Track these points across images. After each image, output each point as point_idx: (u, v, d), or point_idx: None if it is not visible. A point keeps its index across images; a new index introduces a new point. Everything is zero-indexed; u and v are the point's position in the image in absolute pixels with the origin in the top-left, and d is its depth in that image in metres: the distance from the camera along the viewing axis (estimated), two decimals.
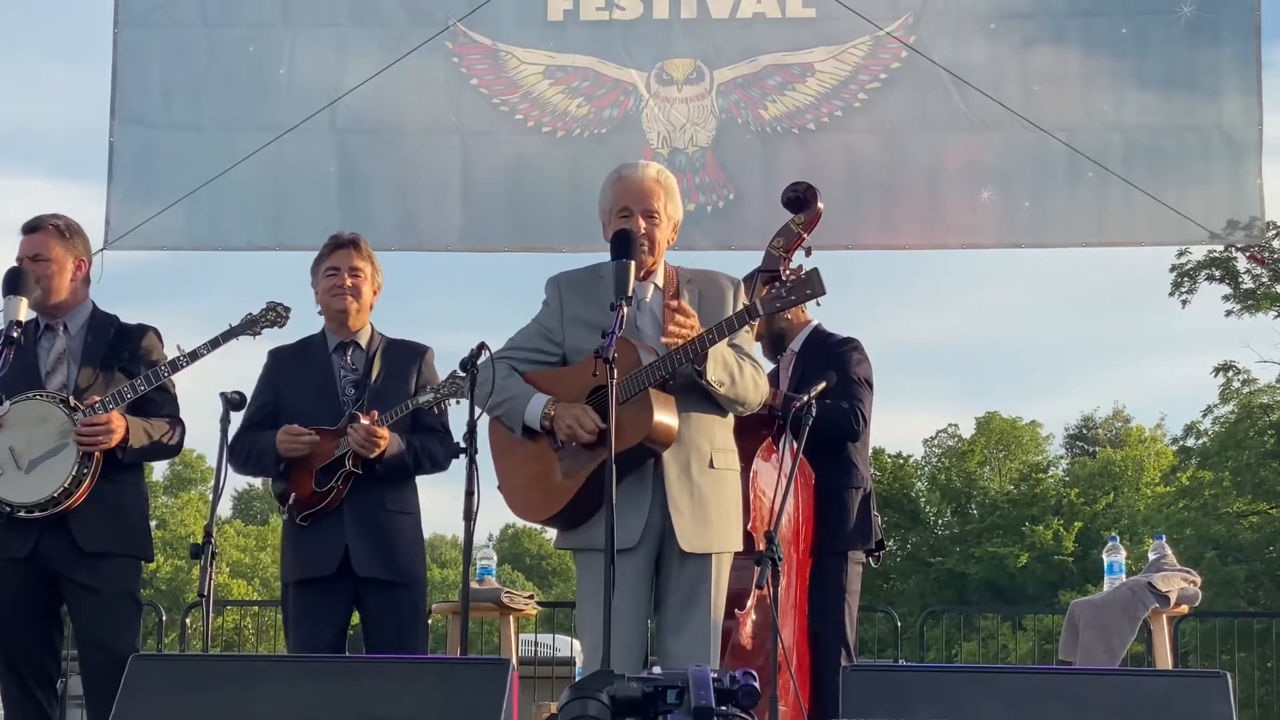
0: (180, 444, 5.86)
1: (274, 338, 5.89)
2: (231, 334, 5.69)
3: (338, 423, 5.75)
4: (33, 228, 5.78)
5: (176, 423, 5.80)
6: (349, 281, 5.90)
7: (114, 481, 5.63)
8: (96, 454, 5.53)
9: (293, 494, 5.77)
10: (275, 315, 5.77)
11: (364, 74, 8.70)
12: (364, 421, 5.63)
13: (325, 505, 5.73)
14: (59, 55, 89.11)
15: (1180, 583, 8.23)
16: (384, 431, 5.65)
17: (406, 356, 5.95)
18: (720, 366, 4.93)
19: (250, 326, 5.72)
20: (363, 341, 5.96)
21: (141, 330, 5.86)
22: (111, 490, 5.62)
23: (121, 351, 5.75)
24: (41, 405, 5.57)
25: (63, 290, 5.75)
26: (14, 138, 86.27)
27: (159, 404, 5.76)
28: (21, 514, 5.50)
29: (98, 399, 5.55)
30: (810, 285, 4.94)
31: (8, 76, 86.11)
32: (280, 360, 6.03)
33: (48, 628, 5.72)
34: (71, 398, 5.57)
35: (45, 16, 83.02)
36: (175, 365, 5.61)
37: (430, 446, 5.82)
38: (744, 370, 5.03)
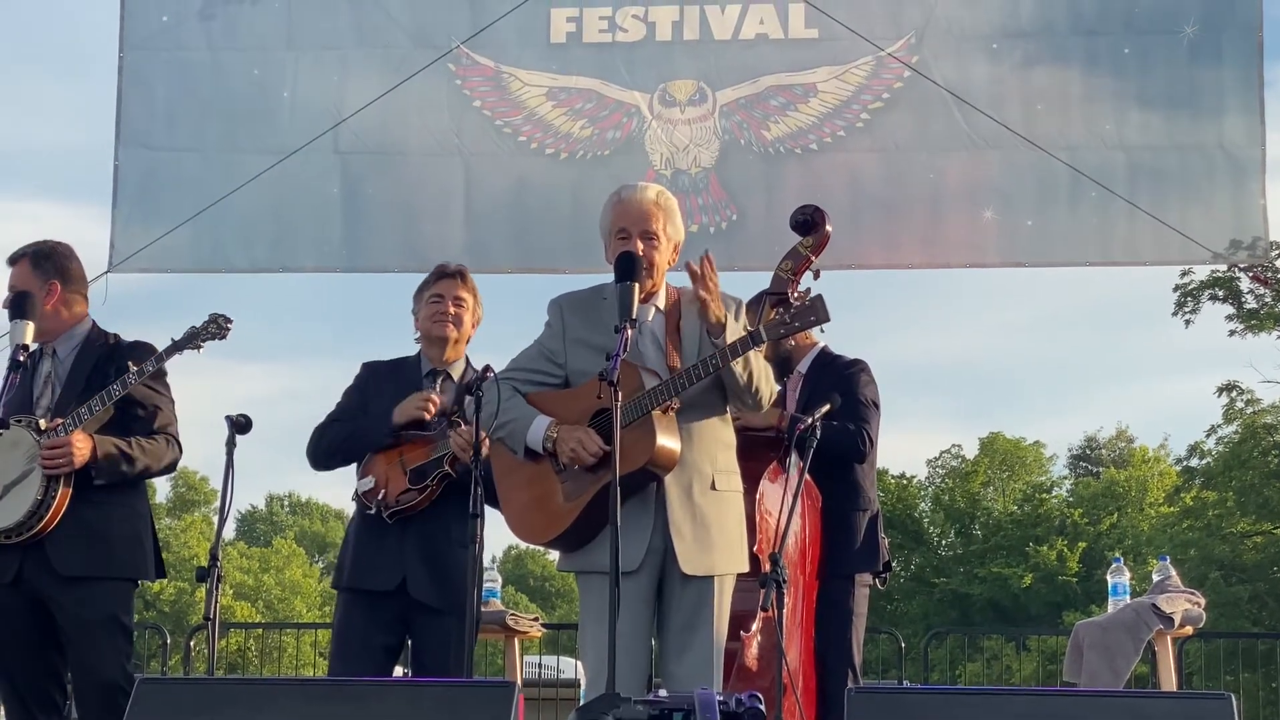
0: (170, 461, 5.75)
1: (216, 350, 5.82)
2: (175, 348, 5.58)
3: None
4: (11, 260, 5.81)
5: (164, 439, 5.73)
6: (452, 310, 5.95)
7: (95, 503, 5.56)
8: (64, 476, 5.49)
9: (383, 491, 5.77)
10: (217, 328, 5.67)
11: (367, 96, 8.73)
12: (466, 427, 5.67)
13: (415, 505, 5.73)
14: (61, 77, 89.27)
15: (1184, 604, 8.21)
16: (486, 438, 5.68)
17: None
18: (736, 336, 4.91)
19: (192, 340, 5.61)
20: (455, 373, 5.98)
21: (133, 347, 5.78)
22: (92, 512, 5.55)
23: (108, 370, 5.68)
24: (14, 431, 5.55)
25: (43, 315, 5.72)
26: (16, 159, 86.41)
27: (144, 420, 5.69)
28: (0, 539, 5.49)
29: (60, 421, 5.51)
30: (815, 311, 4.93)
31: (10, 98, 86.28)
32: (373, 372, 6.07)
33: (46, 652, 5.67)
34: (42, 421, 5.54)
35: (48, 38, 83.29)
36: (124, 383, 5.54)
37: None
38: (758, 360, 5.00)
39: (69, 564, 5.52)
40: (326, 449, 5.94)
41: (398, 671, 6.33)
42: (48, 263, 5.81)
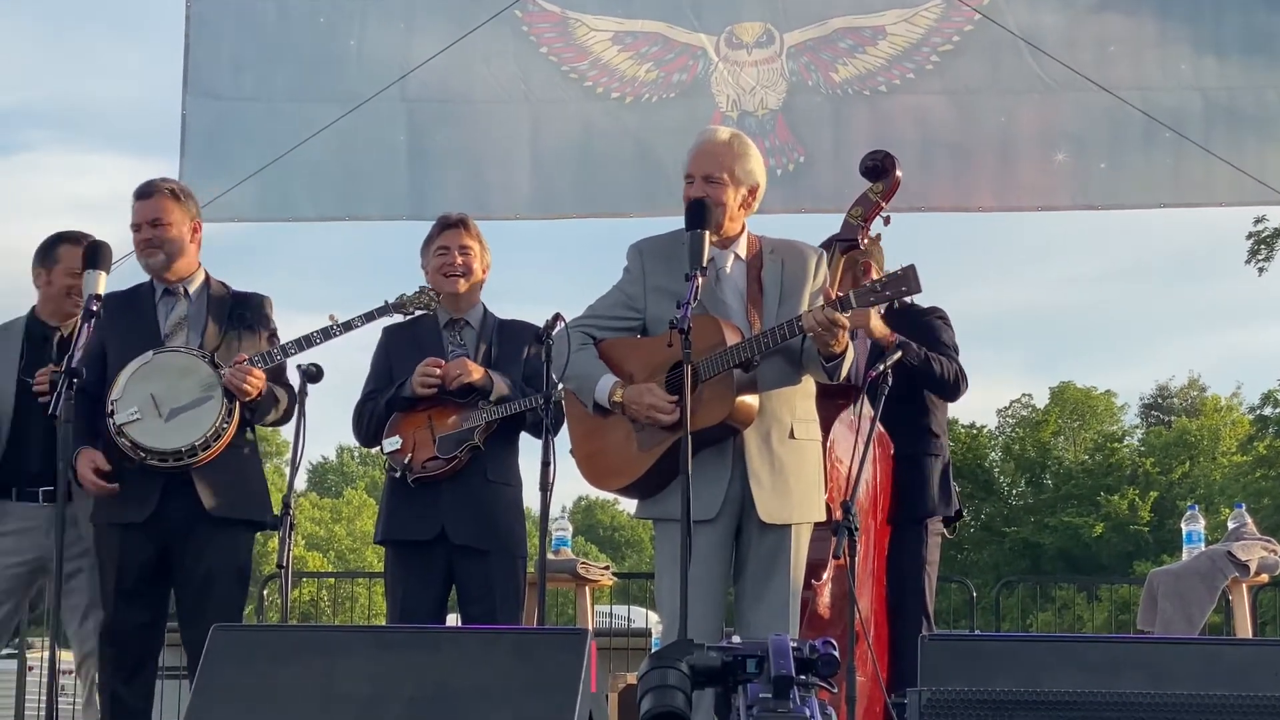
0: (289, 415, 5.80)
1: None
2: (385, 310, 5.73)
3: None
4: (146, 193, 5.74)
5: (285, 389, 5.79)
6: (459, 260, 5.95)
7: (237, 446, 5.62)
8: (237, 409, 5.51)
9: (409, 455, 5.77)
10: (429, 299, 5.81)
11: (434, 44, 8.68)
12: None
13: (441, 474, 5.74)
14: (126, 30, 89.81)
15: (1260, 551, 8.14)
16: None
17: (519, 336, 5.95)
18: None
19: (402, 308, 5.76)
20: (474, 320, 6.01)
21: (258, 298, 5.86)
22: (234, 457, 5.61)
23: (243, 314, 5.77)
24: (187, 358, 5.56)
25: (186, 253, 5.75)
26: (84, 113, 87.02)
27: (274, 375, 5.73)
28: (153, 461, 5.46)
29: (246, 356, 5.54)
30: (906, 282, 4.89)
31: (75, 52, 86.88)
32: (392, 336, 6.07)
33: (156, 604, 5.69)
34: (214, 356, 5.56)
35: None
36: (328, 333, 5.60)
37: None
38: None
39: (218, 505, 5.54)
40: (368, 430, 5.98)
41: (451, 619, 6.35)
42: (190, 201, 5.85)
